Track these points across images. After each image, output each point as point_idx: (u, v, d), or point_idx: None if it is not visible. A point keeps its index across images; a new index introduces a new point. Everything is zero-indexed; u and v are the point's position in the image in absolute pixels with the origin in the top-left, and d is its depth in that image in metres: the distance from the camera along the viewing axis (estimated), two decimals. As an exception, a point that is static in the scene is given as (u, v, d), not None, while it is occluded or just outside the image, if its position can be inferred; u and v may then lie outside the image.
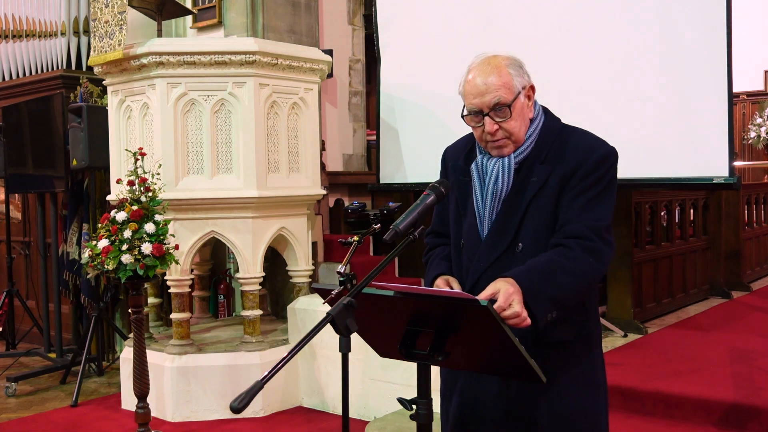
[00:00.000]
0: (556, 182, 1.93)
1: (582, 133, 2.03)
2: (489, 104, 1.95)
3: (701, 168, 4.11)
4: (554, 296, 1.83)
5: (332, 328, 1.59)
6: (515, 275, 1.82)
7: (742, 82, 10.36)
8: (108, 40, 4.73)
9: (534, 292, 1.80)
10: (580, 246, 1.88)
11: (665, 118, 4.21)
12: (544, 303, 1.82)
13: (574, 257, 1.87)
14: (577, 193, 1.92)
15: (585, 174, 1.92)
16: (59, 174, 5.70)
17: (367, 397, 4.56)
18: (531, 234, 1.94)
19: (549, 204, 1.94)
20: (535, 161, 1.98)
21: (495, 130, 1.96)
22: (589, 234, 1.89)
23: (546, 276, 1.83)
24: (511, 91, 1.95)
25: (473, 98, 1.97)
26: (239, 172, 4.62)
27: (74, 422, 4.74)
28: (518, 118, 1.97)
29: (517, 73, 1.98)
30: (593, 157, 1.94)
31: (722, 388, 3.82)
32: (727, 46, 4.03)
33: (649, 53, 4.28)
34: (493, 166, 1.99)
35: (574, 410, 1.98)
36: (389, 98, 5.47)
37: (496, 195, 1.99)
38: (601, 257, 1.90)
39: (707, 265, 6.63)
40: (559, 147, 1.98)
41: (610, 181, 1.96)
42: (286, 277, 5.16)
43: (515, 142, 1.98)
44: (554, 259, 1.87)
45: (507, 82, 1.95)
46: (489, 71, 1.96)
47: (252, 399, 1.44)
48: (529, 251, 1.91)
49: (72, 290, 6.04)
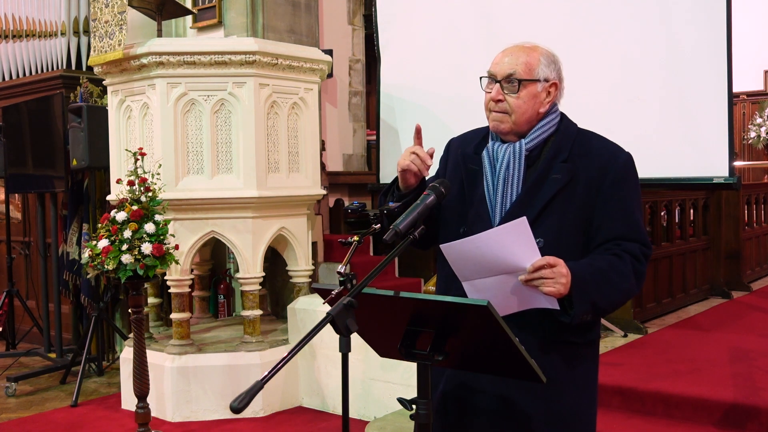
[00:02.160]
0: (583, 184, 1.95)
1: (599, 136, 2.06)
2: (503, 73, 1.98)
3: (701, 168, 4.11)
4: (596, 302, 1.88)
5: (332, 328, 1.59)
6: (572, 268, 1.84)
7: (742, 82, 10.36)
8: (108, 40, 4.73)
9: (584, 290, 1.84)
10: (633, 265, 1.93)
11: (665, 118, 4.21)
12: (587, 304, 1.86)
13: (625, 274, 1.92)
14: (618, 201, 1.96)
15: (616, 180, 1.96)
16: (59, 174, 5.70)
17: (367, 397, 4.56)
18: (554, 231, 1.93)
19: (574, 204, 1.95)
20: (555, 158, 1.98)
21: (498, 99, 1.98)
22: (641, 257, 1.95)
23: (598, 281, 1.87)
24: (530, 72, 1.98)
25: (494, 65, 2.02)
26: (239, 172, 4.62)
27: (74, 422, 4.74)
28: (526, 100, 1.98)
29: (547, 63, 2.01)
30: (619, 161, 1.98)
31: (722, 388, 3.82)
32: (727, 46, 4.03)
33: (650, 53, 4.28)
34: (504, 152, 2.00)
35: (570, 410, 1.98)
36: (389, 98, 5.47)
37: (507, 181, 1.99)
38: (640, 282, 1.96)
39: (707, 265, 6.63)
40: (581, 148, 2.00)
41: (638, 184, 2.03)
42: (286, 277, 5.16)
43: (514, 123, 1.99)
44: (609, 267, 1.90)
45: (530, 63, 1.98)
46: (520, 50, 2.01)
47: (252, 399, 1.43)
48: (552, 248, 1.89)
49: (72, 290, 6.03)
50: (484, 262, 1.85)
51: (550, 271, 1.81)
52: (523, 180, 1.98)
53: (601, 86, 4.40)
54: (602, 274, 1.89)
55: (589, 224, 1.97)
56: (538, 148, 2.00)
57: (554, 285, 1.80)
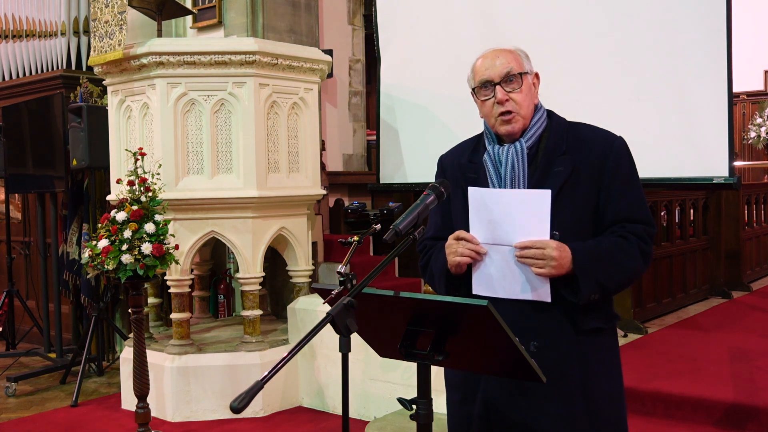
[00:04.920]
0: (586, 173, 1.99)
1: (589, 126, 2.10)
2: (500, 74, 2.01)
3: (701, 168, 4.11)
4: (602, 281, 1.93)
5: (332, 328, 1.59)
6: (576, 248, 1.91)
7: (742, 82, 10.36)
8: (108, 40, 4.73)
9: (589, 270, 1.90)
10: (639, 245, 1.98)
11: (665, 118, 4.21)
12: (592, 283, 1.91)
13: (632, 254, 1.96)
14: (620, 184, 2.00)
15: (615, 165, 2.00)
16: (59, 174, 5.70)
17: (367, 397, 4.56)
18: (568, 222, 1.96)
19: (582, 193, 1.99)
20: (554, 152, 2.01)
21: (506, 99, 2.00)
22: (647, 238, 2.00)
23: (603, 261, 1.93)
24: (521, 66, 2.03)
25: (485, 71, 2.03)
26: (239, 172, 4.62)
27: (74, 422, 4.74)
28: (527, 92, 2.02)
29: (525, 57, 2.07)
30: (615, 147, 2.03)
31: (722, 388, 3.83)
32: (727, 46, 4.02)
33: (650, 53, 4.27)
34: (506, 154, 2.02)
35: (604, 395, 2.02)
36: (389, 98, 5.47)
37: (515, 182, 2.01)
38: (647, 261, 2.01)
39: (707, 265, 6.63)
40: (575, 140, 2.03)
41: (634, 165, 2.07)
42: (286, 277, 5.16)
43: (524, 118, 2.02)
44: (615, 248, 1.95)
45: (517, 59, 2.04)
46: (500, 51, 2.05)
47: (252, 399, 1.44)
48: (568, 240, 1.93)
49: (72, 290, 6.04)
50: (498, 218, 1.94)
51: (540, 252, 1.87)
52: (528, 178, 2.01)
53: (601, 86, 4.39)
54: (608, 254, 1.94)
55: (596, 211, 2.01)
56: (535, 145, 2.03)
57: (545, 267, 1.88)
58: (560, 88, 4.13)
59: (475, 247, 1.96)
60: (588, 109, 4.05)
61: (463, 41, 4.93)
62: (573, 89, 4.35)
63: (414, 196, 5.54)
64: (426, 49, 5.24)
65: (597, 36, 4.46)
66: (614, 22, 4.40)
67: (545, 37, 4.57)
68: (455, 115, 4.86)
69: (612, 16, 4.41)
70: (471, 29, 4.93)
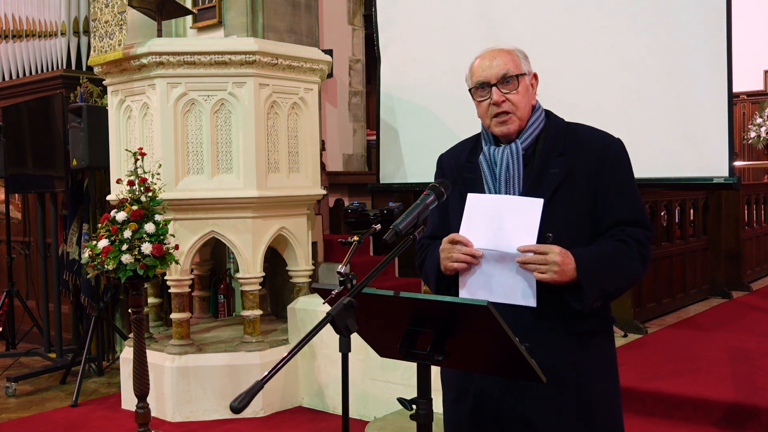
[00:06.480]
0: (582, 175, 1.98)
1: (587, 127, 2.10)
2: (497, 75, 2.01)
3: (701, 168, 4.11)
4: (605, 287, 1.94)
5: (332, 328, 1.59)
6: (579, 255, 1.90)
7: (742, 82, 10.36)
8: (108, 40, 4.73)
9: (593, 277, 1.89)
10: (638, 249, 1.98)
11: (665, 118, 4.21)
12: (597, 290, 1.91)
13: (632, 259, 1.96)
14: (618, 187, 2.00)
15: (613, 167, 2.00)
16: (59, 174, 5.70)
17: (367, 397, 4.56)
18: (563, 224, 1.95)
19: (578, 195, 1.98)
20: (550, 153, 2.01)
21: (502, 101, 2.00)
22: (645, 241, 2.00)
23: (606, 267, 1.93)
24: (518, 68, 2.03)
25: (482, 72, 2.03)
26: (239, 172, 4.62)
27: (74, 422, 4.74)
28: (524, 94, 2.02)
29: (523, 57, 2.07)
30: (613, 148, 2.03)
31: (722, 388, 3.82)
32: (727, 46, 4.02)
33: (649, 53, 4.27)
34: (501, 154, 2.02)
35: (599, 396, 2.02)
36: (389, 98, 5.47)
37: (509, 183, 2.01)
38: (646, 265, 2.01)
39: (707, 265, 6.62)
40: (573, 141, 2.03)
41: (631, 168, 2.07)
42: (286, 277, 5.16)
43: (520, 119, 2.02)
44: (616, 253, 1.95)
45: (514, 60, 2.04)
46: (498, 52, 2.05)
47: (252, 399, 1.44)
48: (563, 242, 1.92)
49: (72, 290, 6.03)
50: (489, 223, 1.95)
51: (542, 258, 1.87)
52: (523, 179, 2.00)
53: (601, 86, 4.40)
54: (610, 260, 1.94)
55: (593, 213, 2.00)
56: (531, 146, 2.03)
57: (547, 272, 1.87)
58: (560, 87, 4.14)
59: (471, 251, 1.95)
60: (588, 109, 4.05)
61: (463, 41, 4.93)
62: (573, 89, 4.35)
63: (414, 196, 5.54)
64: (426, 49, 5.24)
65: (597, 36, 4.46)
66: (614, 21, 4.40)
67: (545, 38, 4.57)
68: (455, 115, 4.86)
69: (612, 16, 4.41)
70: (471, 29, 4.93)
